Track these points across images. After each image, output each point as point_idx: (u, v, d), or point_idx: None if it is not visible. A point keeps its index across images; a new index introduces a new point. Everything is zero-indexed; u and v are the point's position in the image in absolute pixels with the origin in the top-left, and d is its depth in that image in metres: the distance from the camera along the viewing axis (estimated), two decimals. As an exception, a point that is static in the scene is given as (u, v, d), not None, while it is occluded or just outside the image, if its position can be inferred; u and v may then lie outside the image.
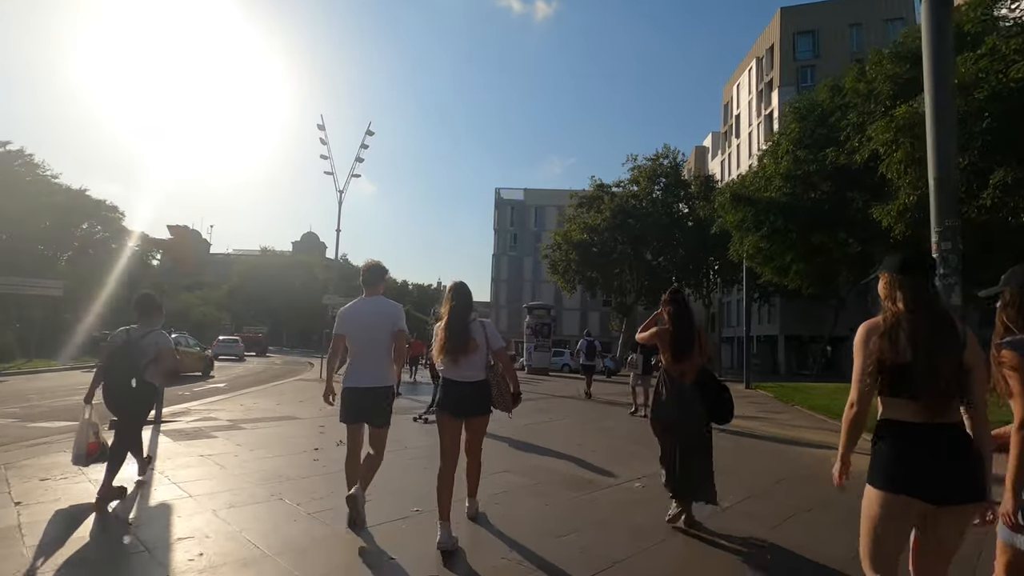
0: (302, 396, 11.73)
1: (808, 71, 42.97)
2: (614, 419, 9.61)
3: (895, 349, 1.77)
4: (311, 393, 12.41)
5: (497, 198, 65.64)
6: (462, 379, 3.53)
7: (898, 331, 1.79)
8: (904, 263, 1.90)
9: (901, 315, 1.81)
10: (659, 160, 38.72)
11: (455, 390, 3.53)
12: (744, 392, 18.05)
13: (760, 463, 6.31)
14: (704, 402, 3.82)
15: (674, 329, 3.90)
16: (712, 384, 3.91)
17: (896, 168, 10.73)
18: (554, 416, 9.94)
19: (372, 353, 3.74)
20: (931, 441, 1.74)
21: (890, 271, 1.92)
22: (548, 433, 7.93)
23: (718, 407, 3.88)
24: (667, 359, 3.94)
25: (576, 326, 60.92)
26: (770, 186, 15.36)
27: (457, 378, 3.53)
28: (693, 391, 3.82)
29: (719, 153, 57.85)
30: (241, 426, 7.41)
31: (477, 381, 3.55)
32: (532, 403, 12.15)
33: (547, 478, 5.19)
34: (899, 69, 11.56)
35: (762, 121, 45.39)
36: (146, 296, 4.55)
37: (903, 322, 1.80)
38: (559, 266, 41.15)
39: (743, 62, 51.65)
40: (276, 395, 11.84)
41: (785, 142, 15.08)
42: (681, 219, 37.63)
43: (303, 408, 9.75)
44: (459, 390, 3.52)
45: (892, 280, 1.90)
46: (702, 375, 3.90)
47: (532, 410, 10.70)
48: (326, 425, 7.75)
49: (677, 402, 3.82)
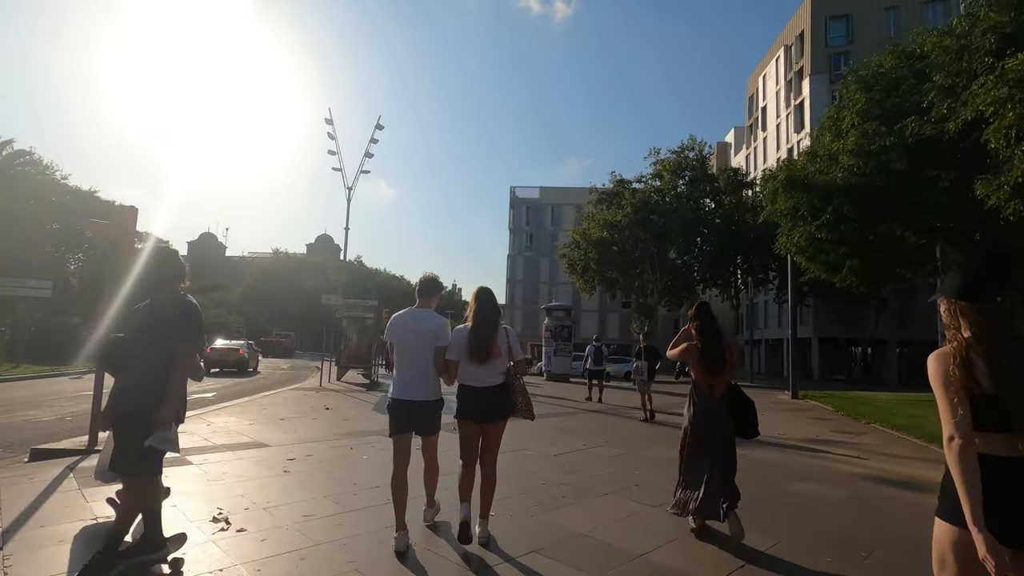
0: (287, 412, 10.04)
1: (841, 58, 40.46)
2: (665, 442, 7.68)
3: (976, 381, 1.64)
4: (300, 408, 10.71)
5: (512, 197, 63.72)
6: (482, 385, 3.56)
7: (971, 362, 1.67)
8: (965, 288, 1.77)
9: (970, 345, 1.70)
10: (684, 153, 36.65)
11: (475, 396, 3.56)
12: (792, 403, 15.95)
13: (892, 520, 4.38)
14: (732, 416, 3.99)
15: (703, 345, 4.01)
16: (740, 399, 4.06)
17: (1006, 134, 8.73)
18: (589, 439, 8.07)
19: (417, 365, 3.63)
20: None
21: (949, 296, 1.81)
22: (589, 468, 6.09)
23: (744, 422, 4.02)
24: (697, 373, 4.05)
25: (594, 329, 58.72)
26: (834, 167, 13.17)
27: (477, 384, 3.56)
28: (721, 404, 3.98)
29: (743, 148, 55.42)
30: (186, 460, 5.69)
31: (496, 386, 3.57)
32: (557, 420, 10.31)
33: (601, 562, 3.34)
34: (1003, 18, 9.54)
35: (792, 111, 42.96)
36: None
37: (973, 353, 1.68)
38: (577, 265, 39.20)
39: (770, 51, 49.23)
40: (257, 410, 10.18)
41: (849, 115, 12.92)
42: (708, 215, 35.43)
43: (280, 429, 8.05)
44: (479, 396, 3.55)
45: (953, 307, 1.79)
46: (730, 390, 4.06)
47: (559, 431, 8.85)
48: (297, 458, 6.00)
49: (706, 415, 3.98)
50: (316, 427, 8.33)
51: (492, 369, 3.54)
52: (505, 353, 3.58)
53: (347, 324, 17.80)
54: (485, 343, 3.49)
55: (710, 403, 3.95)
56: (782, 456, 7.22)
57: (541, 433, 8.41)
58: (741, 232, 33.13)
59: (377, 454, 6.31)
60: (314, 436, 7.52)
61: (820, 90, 40.10)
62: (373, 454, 6.36)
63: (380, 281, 74.41)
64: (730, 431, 3.95)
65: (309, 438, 7.34)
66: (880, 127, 11.86)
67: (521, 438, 7.59)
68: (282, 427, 8.21)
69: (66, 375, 19.27)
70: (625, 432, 9.20)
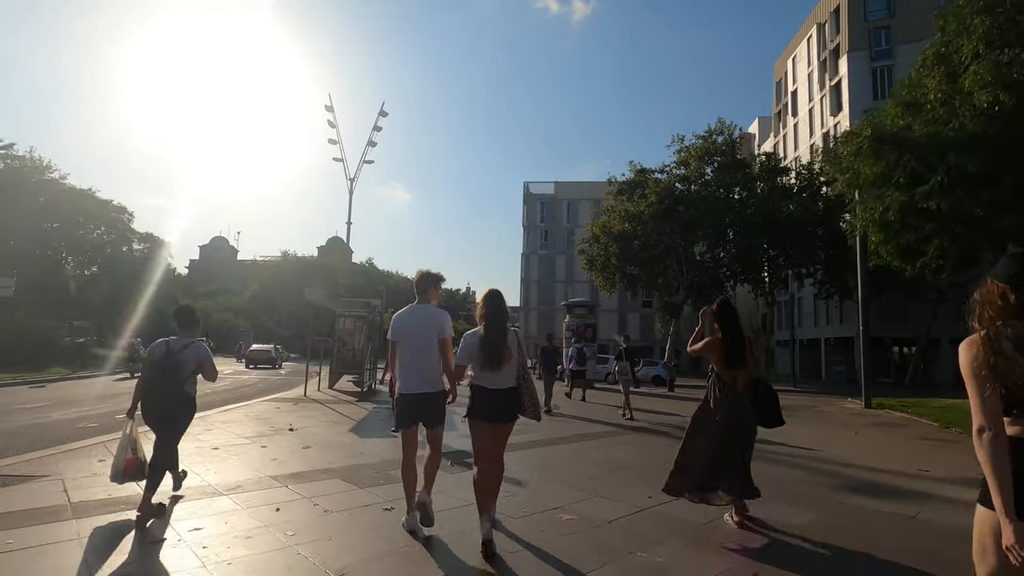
0: (236, 434, 7.59)
1: (882, 32, 37.33)
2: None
3: (1011, 366, 1.56)
4: (258, 428, 8.24)
5: (526, 192, 60.99)
6: (495, 386, 3.57)
7: (1002, 348, 1.58)
8: (1017, 273, 1.62)
9: (1001, 332, 1.60)
10: (712, 137, 33.68)
11: (488, 397, 3.57)
12: (870, 414, 13.11)
13: None
14: (755, 406, 4.12)
15: (725, 338, 4.12)
16: (764, 391, 4.19)
17: None
18: (651, 485, 5.42)
19: (420, 359, 3.74)
20: None
21: (999, 279, 1.66)
22: (682, 557, 3.49)
23: (767, 412, 4.16)
24: (719, 366, 4.15)
25: (614, 329, 55.88)
26: (957, 112, 10.06)
27: (490, 385, 3.57)
28: (745, 395, 4.10)
29: (770, 136, 52.22)
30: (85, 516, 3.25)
31: (508, 388, 3.59)
32: (595, 445, 7.70)
33: None
34: None
35: (827, 93, 39.78)
36: (186, 308, 4.51)
37: (1005, 339, 1.59)
38: (597, 262, 36.43)
39: (800, 31, 46.04)
40: (224, 428, 7.76)
41: (968, 44, 9.98)
42: (739, 204, 32.38)
43: (236, 458, 5.65)
44: (492, 397, 3.57)
45: (996, 289, 1.66)
46: (755, 383, 4.18)
47: (604, 466, 6.23)
48: (169, 540, 3.51)
49: (730, 405, 4.05)
50: (253, 463, 5.84)
51: (506, 374, 3.57)
52: (516, 356, 3.60)
53: (341, 324, 15.35)
54: (498, 351, 3.52)
55: (735, 394, 4.07)
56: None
57: (579, 469, 5.86)
58: (779, 221, 30.12)
59: (317, 521, 3.82)
60: (238, 481, 5.02)
61: (860, 68, 36.97)
62: (309, 521, 3.86)
63: (392, 284, 72.27)
64: (754, 420, 4.13)
65: (228, 485, 4.84)
66: (1021, 53, 9.02)
67: (553, 485, 5.05)
68: (208, 461, 5.73)
69: (29, 383, 17.21)
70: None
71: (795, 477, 5.88)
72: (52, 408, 11.08)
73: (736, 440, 4.00)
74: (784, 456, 6.96)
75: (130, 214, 42.11)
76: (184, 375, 4.09)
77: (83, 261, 40.97)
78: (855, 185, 12.94)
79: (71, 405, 11.71)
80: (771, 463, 6.23)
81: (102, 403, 12.15)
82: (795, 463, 6.62)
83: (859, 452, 7.64)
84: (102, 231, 40.01)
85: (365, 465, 5.78)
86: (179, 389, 4.06)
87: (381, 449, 6.69)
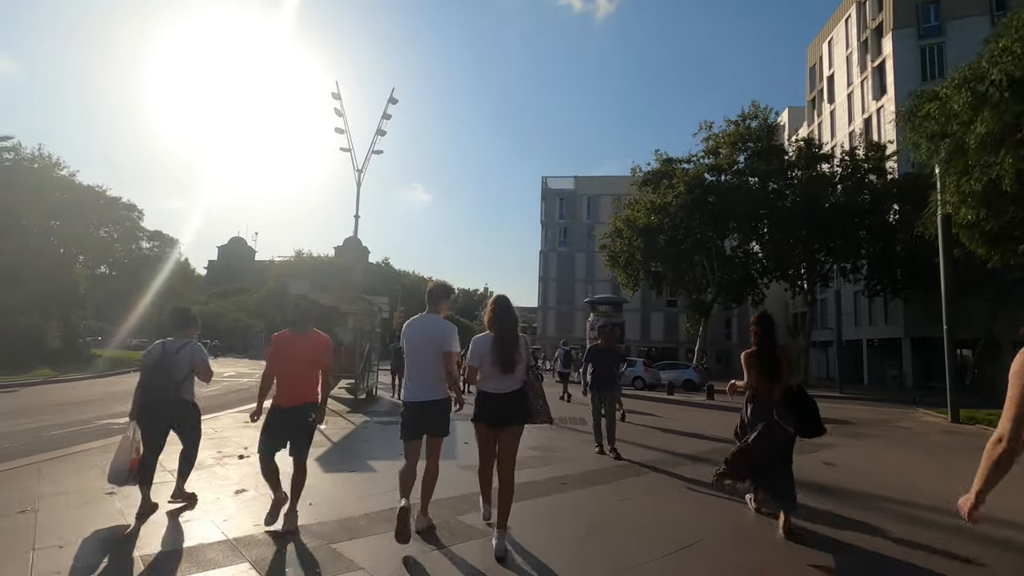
0: (205, 453, 5.74)
1: (931, 8, 34.42)
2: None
3: None
4: (231, 444, 6.38)
5: (544, 188, 58.80)
6: (500, 391, 3.61)
7: None
8: None
9: None
10: (745, 122, 31.19)
11: (494, 402, 3.60)
12: (959, 430, 10.80)
13: None
14: (796, 417, 4.08)
15: (759, 351, 4.23)
16: (803, 401, 4.12)
17: None
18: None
19: (423, 369, 3.74)
20: None
21: None
22: None
23: (806, 422, 4.10)
24: (753, 379, 4.21)
25: (637, 330, 53.56)
26: None
27: (496, 390, 3.61)
28: (781, 404, 4.09)
29: (803, 126, 49.31)
30: None
31: (514, 391, 3.62)
32: (642, 480, 5.65)
33: None
34: None
35: (869, 75, 36.93)
36: (180, 310, 4.51)
37: None
38: (620, 258, 34.17)
39: (837, 11, 43.14)
40: (167, 449, 5.95)
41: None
42: (775, 195, 29.84)
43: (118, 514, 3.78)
44: (496, 402, 3.60)
45: None
46: (792, 393, 4.15)
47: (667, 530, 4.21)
48: None
49: (767, 415, 4.08)
50: (129, 534, 3.98)
51: (514, 377, 3.62)
52: (525, 360, 3.66)
53: (337, 323, 13.53)
54: (510, 355, 3.58)
55: (772, 403, 4.10)
56: None
57: (616, 517, 3.86)
58: (819, 212, 27.59)
59: None
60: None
61: (906, 47, 34.13)
62: None
63: (408, 284, 70.95)
64: (792, 429, 4.09)
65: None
66: None
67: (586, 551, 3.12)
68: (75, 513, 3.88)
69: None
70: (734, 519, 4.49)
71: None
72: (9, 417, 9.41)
73: (774, 454, 4.05)
74: (910, 518, 4.85)
75: (140, 212, 41.16)
76: (179, 376, 4.10)
77: (91, 260, 40.16)
78: (958, 149, 10.50)
79: (35, 413, 10.06)
80: (890, 541, 4.14)
81: (66, 411, 10.49)
82: (934, 535, 4.51)
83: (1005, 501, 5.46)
84: (110, 228, 39.11)
85: (309, 529, 3.87)
86: (176, 394, 4.09)
87: (344, 492, 4.79)
